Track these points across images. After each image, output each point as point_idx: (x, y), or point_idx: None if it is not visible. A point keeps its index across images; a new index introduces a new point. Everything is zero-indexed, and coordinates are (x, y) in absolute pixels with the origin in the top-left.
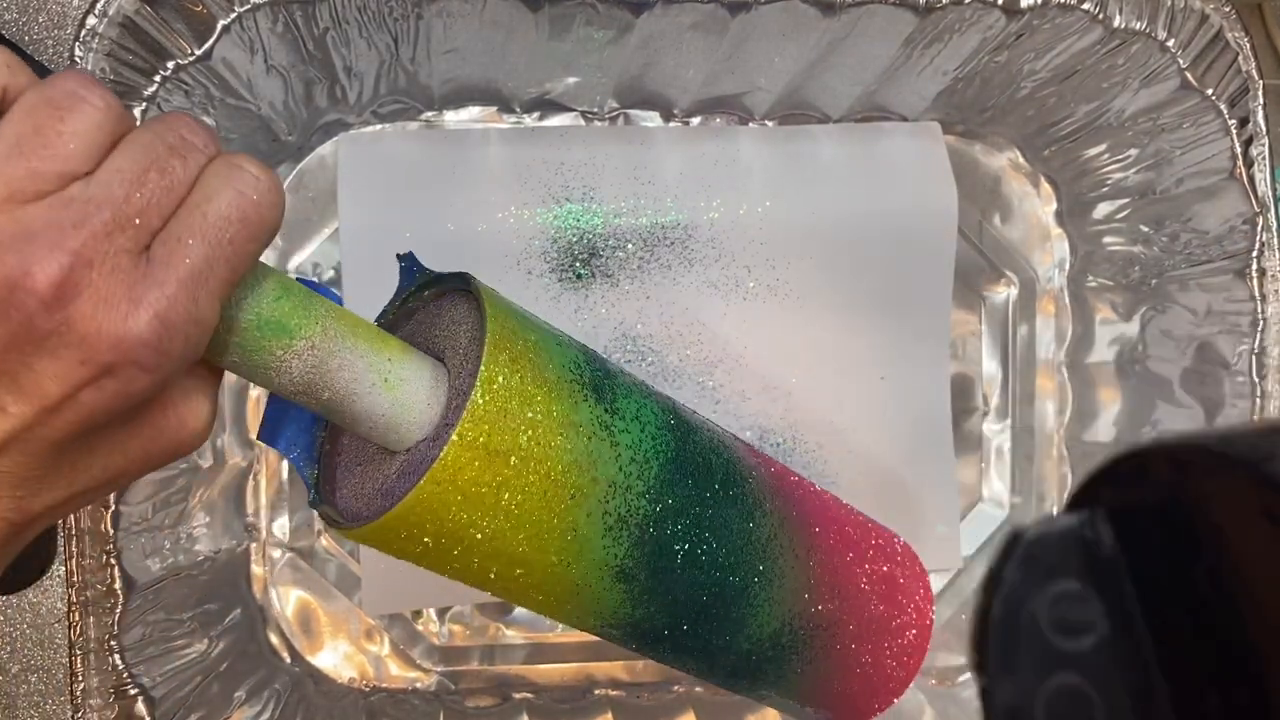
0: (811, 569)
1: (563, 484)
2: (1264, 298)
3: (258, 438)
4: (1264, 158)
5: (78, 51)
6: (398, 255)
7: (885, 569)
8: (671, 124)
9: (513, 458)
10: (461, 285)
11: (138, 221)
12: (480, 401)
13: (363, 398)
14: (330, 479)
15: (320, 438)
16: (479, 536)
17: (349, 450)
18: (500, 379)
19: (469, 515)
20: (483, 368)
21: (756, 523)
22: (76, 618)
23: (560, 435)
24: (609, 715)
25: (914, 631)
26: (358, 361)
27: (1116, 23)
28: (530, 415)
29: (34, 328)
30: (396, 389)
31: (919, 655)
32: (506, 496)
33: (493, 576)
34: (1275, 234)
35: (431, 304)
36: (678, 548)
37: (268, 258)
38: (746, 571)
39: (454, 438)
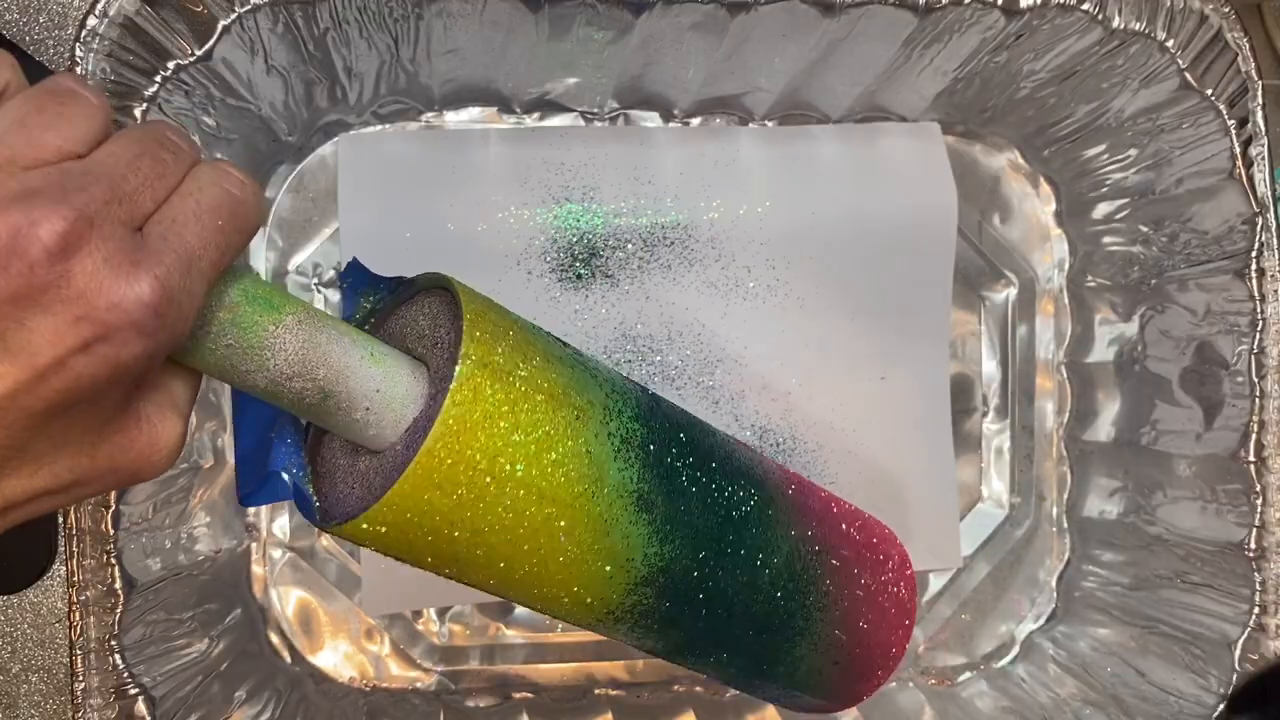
0: (804, 505)
1: (564, 402)
2: (1263, 298)
3: (241, 503)
4: (1263, 158)
5: (78, 51)
6: (339, 272)
7: (868, 537)
8: (671, 124)
9: (516, 380)
10: (421, 287)
11: (133, 198)
12: (476, 333)
13: (355, 371)
14: (320, 495)
15: (297, 477)
16: (507, 468)
17: (329, 462)
18: (483, 328)
19: (492, 444)
20: (466, 315)
21: (743, 458)
22: (77, 617)
23: (554, 370)
24: (609, 715)
25: (904, 590)
26: (344, 336)
27: (1116, 23)
28: (520, 357)
29: (33, 279)
30: (383, 362)
31: (911, 615)
32: (519, 434)
33: (517, 536)
34: (1274, 234)
35: (396, 312)
36: (681, 468)
37: (269, 257)
38: (747, 493)
39: (460, 368)
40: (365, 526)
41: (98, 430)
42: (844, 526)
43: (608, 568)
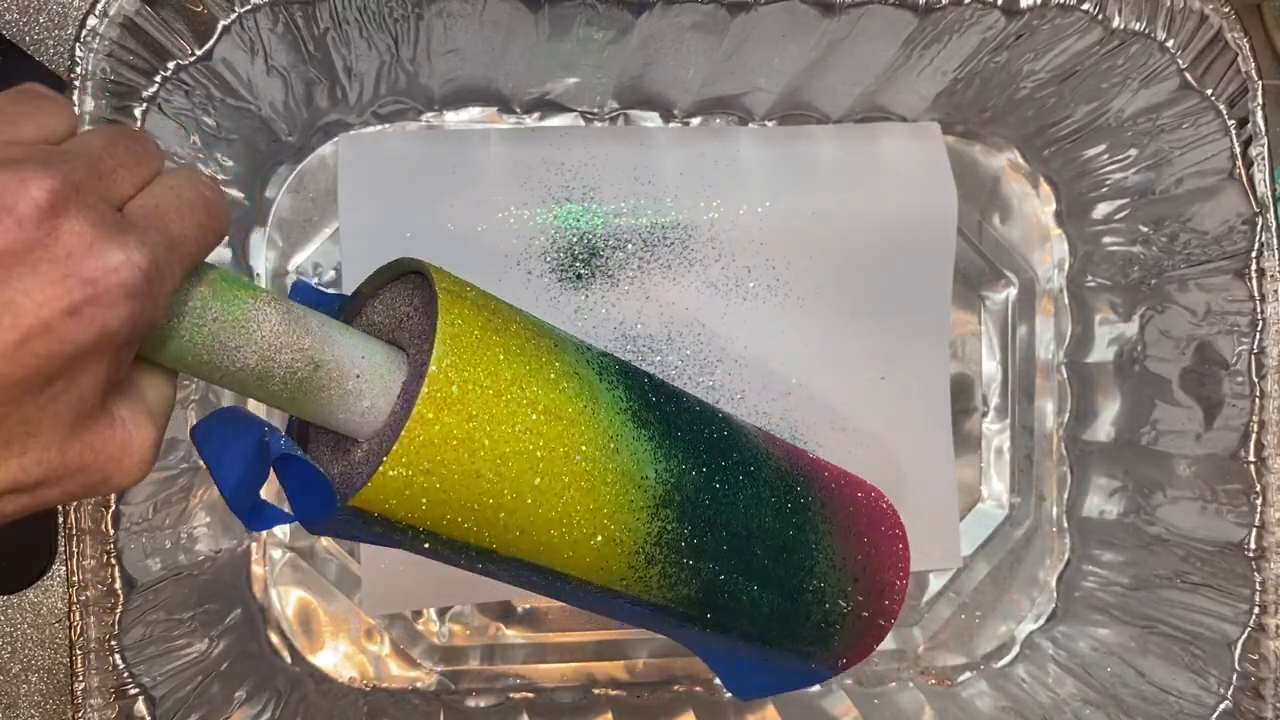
0: (777, 440)
1: (542, 332)
2: (1263, 298)
3: (250, 528)
4: (1263, 158)
5: (78, 51)
6: (293, 285)
7: (848, 476)
8: (671, 124)
9: (495, 313)
10: (393, 274)
11: (112, 177)
12: (445, 277)
13: (338, 339)
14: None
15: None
16: (511, 387)
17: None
18: (448, 276)
19: (491, 363)
20: (432, 270)
21: (708, 404)
22: (77, 618)
23: (523, 314)
24: (609, 715)
25: (900, 545)
26: (315, 313)
27: (1116, 23)
28: (491, 298)
29: (21, 236)
30: (357, 334)
31: (905, 566)
32: (512, 358)
33: (535, 461)
34: (1274, 234)
35: (369, 305)
36: (658, 401)
37: (269, 257)
38: (721, 422)
39: (440, 298)
40: (392, 474)
41: (70, 424)
42: (818, 465)
43: (627, 491)
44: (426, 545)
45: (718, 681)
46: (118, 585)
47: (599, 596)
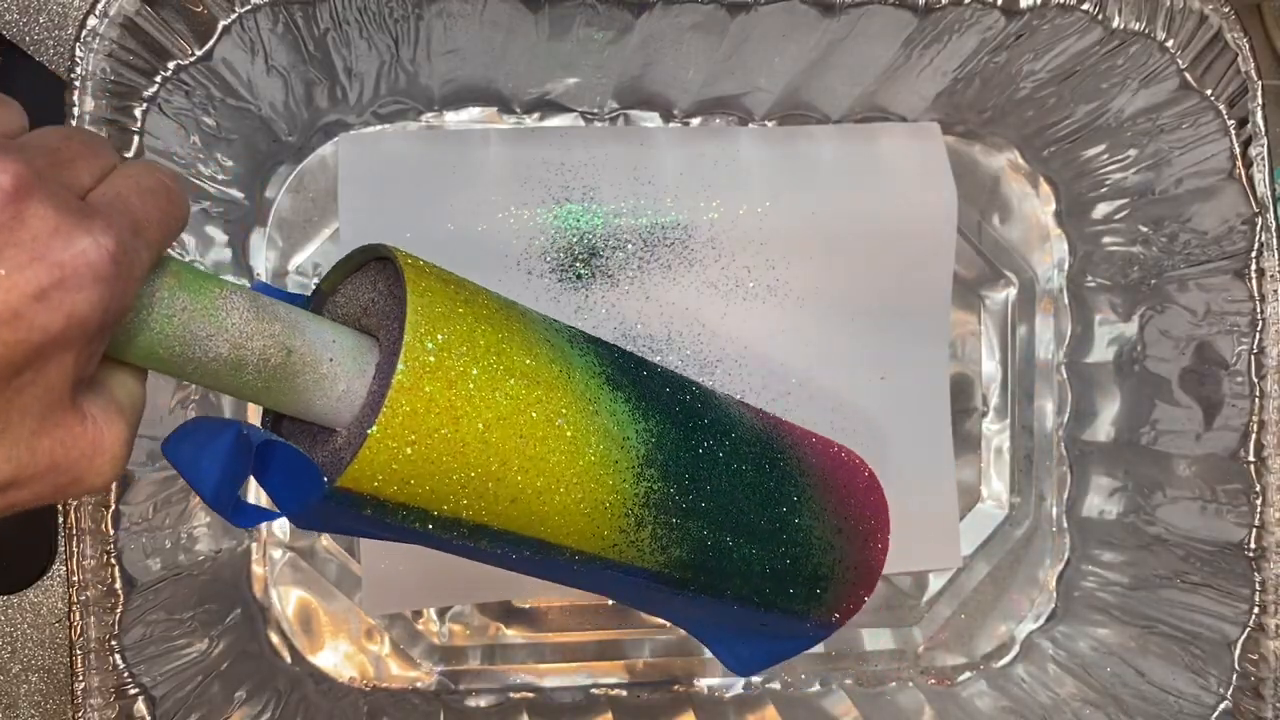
0: (742, 402)
1: (509, 304)
2: (1263, 298)
3: (236, 524)
4: (1263, 158)
5: (78, 51)
6: (253, 286)
7: (817, 437)
8: (671, 124)
9: (461, 287)
10: (352, 266)
11: (71, 166)
12: (407, 255)
13: (306, 324)
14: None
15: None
16: (487, 354)
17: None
18: (410, 256)
19: (463, 333)
20: (395, 251)
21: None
22: (77, 617)
23: (488, 292)
24: (609, 715)
25: (877, 495)
26: (284, 303)
27: (1115, 23)
28: (466, 291)
29: None
30: (324, 320)
31: (885, 529)
32: (483, 325)
33: (518, 426)
34: (1274, 234)
35: (330, 300)
36: (629, 366)
37: (269, 257)
38: (687, 382)
39: (406, 274)
40: (378, 445)
41: (40, 417)
42: (788, 425)
43: (611, 452)
44: (418, 525)
45: (718, 681)
46: (118, 585)
47: (593, 569)
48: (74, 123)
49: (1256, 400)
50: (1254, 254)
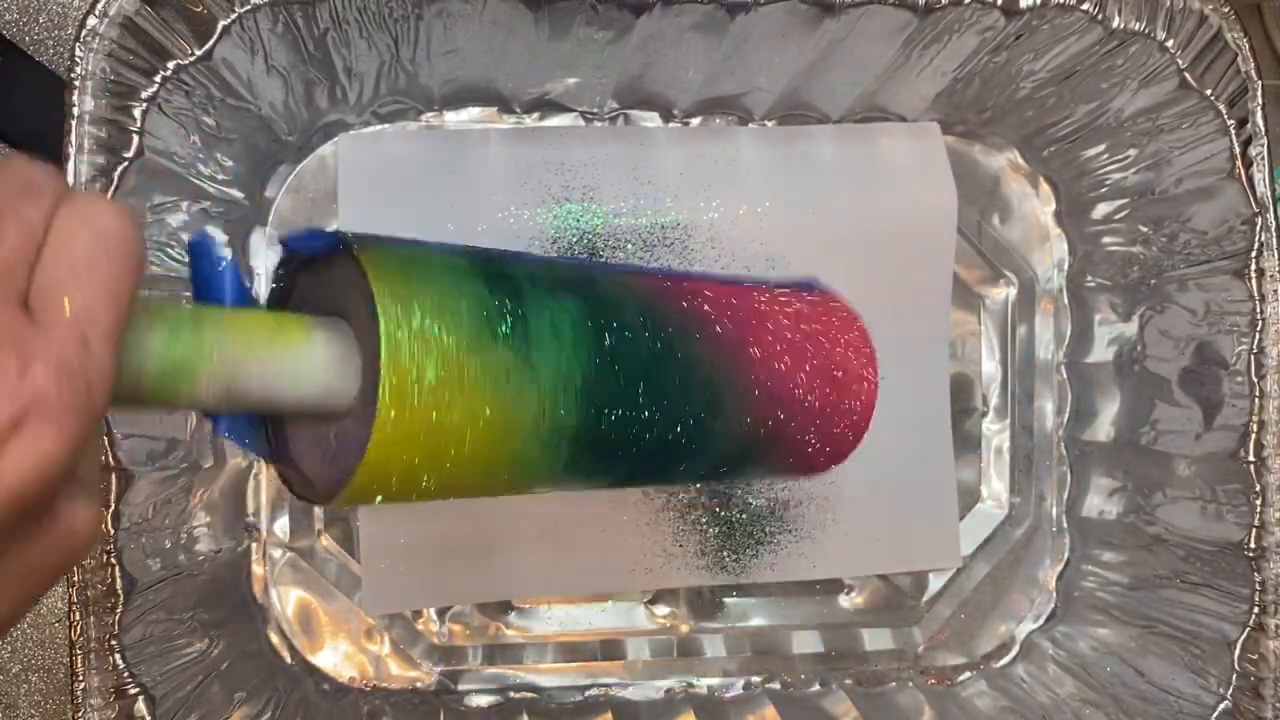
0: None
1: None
2: (1263, 298)
3: (219, 431)
4: (1263, 158)
5: (78, 51)
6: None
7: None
8: (671, 124)
9: (428, 300)
10: (294, 268)
11: (10, 274)
12: (380, 271)
13: (285, 392)
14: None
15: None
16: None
17: (307, 459)
18: (365, 239)
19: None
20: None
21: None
22: (77, 617)
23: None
24: (609, 715)
25: (856, 330)
26: (267, 362)
27: (1115, 23)
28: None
29: None
30: (315, 364)
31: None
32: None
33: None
34: (1274, 234)
35: (310, 270)
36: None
37: (269, 257)
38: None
39: (361, 259)
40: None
41: (23, 544)
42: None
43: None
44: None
45: (718, 681)
46: (118, 585)
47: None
48: (74, 123)
49: (1256, 400)
50: (1254, 254)
